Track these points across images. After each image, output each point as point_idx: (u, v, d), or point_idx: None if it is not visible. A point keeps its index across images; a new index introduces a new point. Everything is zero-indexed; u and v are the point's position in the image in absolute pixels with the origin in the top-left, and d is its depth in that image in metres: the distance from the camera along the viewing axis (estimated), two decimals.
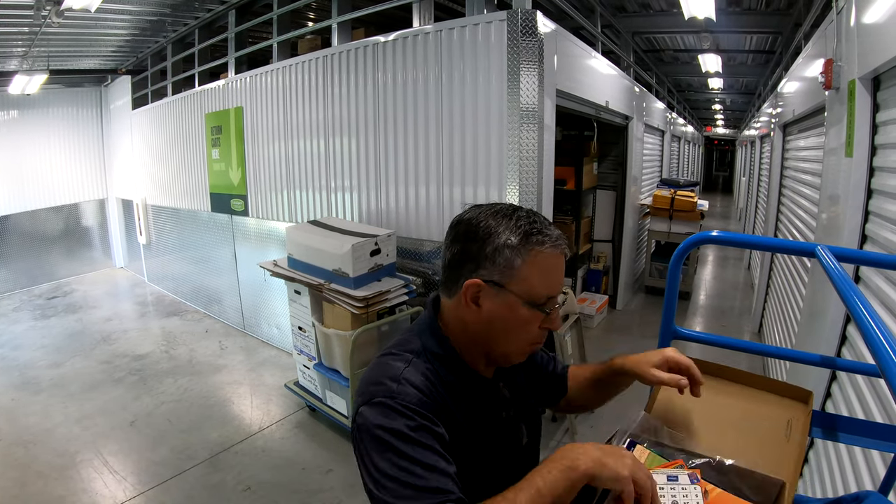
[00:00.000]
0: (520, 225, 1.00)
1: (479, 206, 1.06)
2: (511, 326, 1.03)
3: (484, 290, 1.01)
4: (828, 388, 2.21)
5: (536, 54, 3.27)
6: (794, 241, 2.96)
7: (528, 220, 1.01)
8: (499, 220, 1.01)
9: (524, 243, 0.98)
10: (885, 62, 1.81)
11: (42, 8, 4.45)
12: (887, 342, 0.64)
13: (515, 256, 0.98)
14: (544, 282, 1.00)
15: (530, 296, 0.99)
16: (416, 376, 0.99)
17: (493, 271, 0.99)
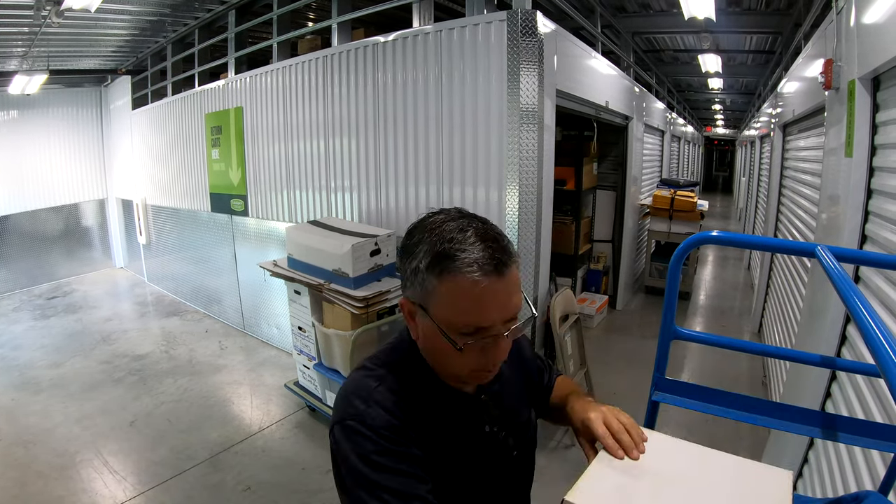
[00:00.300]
0: (435, 243, 0.89)
1: (431, 213, 0.97)
2: (440, 351, 0.95)
3: (414, 309, 0.95)
4: (827, 387, 2.21)
5: (536, 54, 3.27)
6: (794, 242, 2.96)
7: (447, 236, 0.88)
8: (424, 234, 0.92)
9: (434, 266, 0.88)
10: (884, 62, 1.81)
11: (42, 8, 4.45)
12: (887, 342, 0.64)
13: (430, 280, 0.89)
14: (463, 311, 0.88)
15: (448, 324, 0.90)
16: (387, 395, 0.95)
17: (415, 292, 0.92)
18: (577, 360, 4.16)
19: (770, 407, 1.26)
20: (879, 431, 1.14)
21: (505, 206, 3.47)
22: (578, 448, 1.13)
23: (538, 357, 1.34)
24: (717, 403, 1.30)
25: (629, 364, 5.06)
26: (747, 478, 0.97)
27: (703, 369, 4.94)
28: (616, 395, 4.39)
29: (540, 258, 3.61)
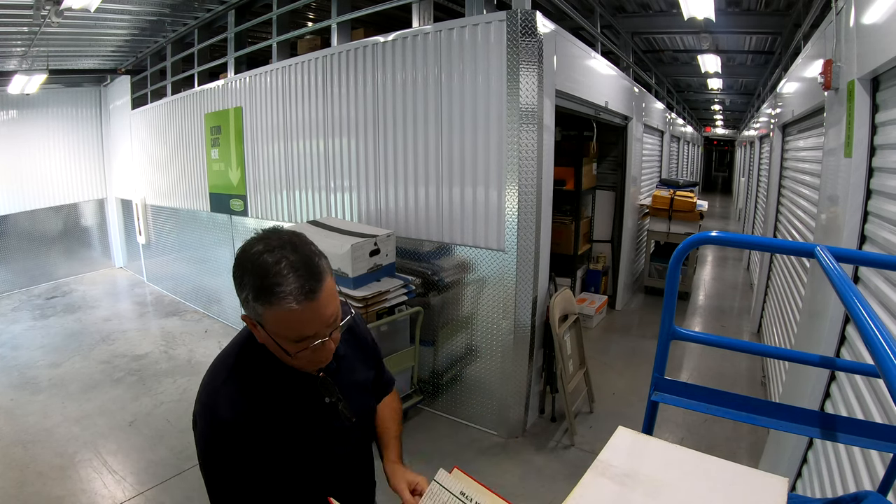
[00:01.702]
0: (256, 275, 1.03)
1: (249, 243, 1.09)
2: (281, 354, 1.12)
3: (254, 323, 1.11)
4: (827, 388, 2.21)
5: (536, 55, 3.27)
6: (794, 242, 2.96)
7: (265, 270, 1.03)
8: (244, 269, 1.06)
9: (258, 299, 1.04)
10: (884, 63, 1.81)
11: (41, 8, 4.45)
12: (886, 343, 0.64)
13: (257, 309, 1.05)
14: (287, 331, 1.07)
15: (280, 338, 1.08)
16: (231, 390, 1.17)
17: (250, 313, 1.09)
18: (577, 360, 4.16)
19: (769, 407, 1.26)
20: (878, 432, 1.14)
21: (504, 206, 3.47)
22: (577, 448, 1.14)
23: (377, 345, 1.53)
24: (716, 403, 1.30)
25: (628, 364, 5.06)
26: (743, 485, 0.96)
27: (703, 369, 4.94)
28: (615, 396, 4.40)
29: (539, 258, 3.61)
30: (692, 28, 6.38)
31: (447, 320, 3.93)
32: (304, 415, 1.22)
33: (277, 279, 1.02)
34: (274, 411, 1.18)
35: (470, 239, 3.69)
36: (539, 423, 4.00)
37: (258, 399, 1.17)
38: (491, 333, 3.72)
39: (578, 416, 4.04)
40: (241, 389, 1.17)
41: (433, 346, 4.00)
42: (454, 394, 3.96)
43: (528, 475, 3.34)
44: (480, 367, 3.80)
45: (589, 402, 4.20)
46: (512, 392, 3.72)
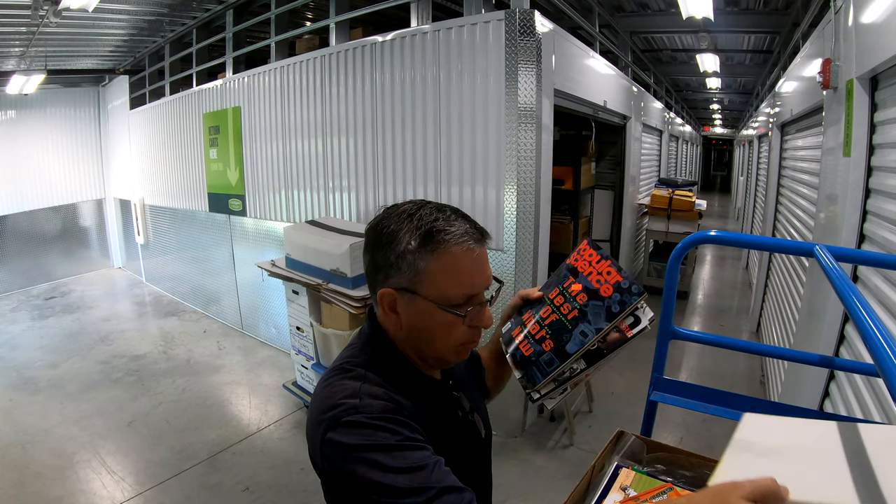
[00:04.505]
0: (420, 226, 0.94)
1: (390, 209, 1.01)
2: (434, 331, 0.98)
3: (398, 297, 0.96)
4: (826, 387, 2.21)
5: (534, 54, 3.27)
6: (793, 241, 2.97)
7: (429, 218, 0.95)
8: (401, 222, 0.96)
9: (425, 244, 0.93)
10: (883, 62, 1.81)
11: (39, 7, 4.44)
12: (886, 342, 0.64)
13: (419, 260, 0.93)
14: (457, 281, 0.94)
15: (444, 299, 0.94)
16: (374, 388, 0.94)
17: (401, 278, 0.95)
18: None
19: (769, 406, 1.26)
20: None
21: (503, 205, 3.47)
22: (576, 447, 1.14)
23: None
24: (715, 403, 1.30)
25: (627, 364, 5.05)
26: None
27: (702, 369, 4.95)
28: (614, 395, 4.40)
29: (538, 257, 3.61)
30: (691, 27, 6.39)
31: None
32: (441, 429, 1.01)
33: (447, 224, 0.94)
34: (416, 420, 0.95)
35: None
36: (538, 422, 4.00)
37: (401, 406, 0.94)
38: (490, 333, 3.71)
39: (577, 416, 4.04)
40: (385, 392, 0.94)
41: None
42: None
43: (526, 475, 3.34)
44: None
45: (588, 402, 4.20)
46: (511, 392, 3.69)
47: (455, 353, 1.03)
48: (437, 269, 0.93)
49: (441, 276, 0.93)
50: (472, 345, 1.04)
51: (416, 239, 0.93)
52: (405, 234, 0.94)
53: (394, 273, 0.95)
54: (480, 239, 0.97)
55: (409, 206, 0.98)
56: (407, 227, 0.94)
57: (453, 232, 0.93)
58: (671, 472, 1.03)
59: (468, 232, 0.95)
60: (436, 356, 1.03)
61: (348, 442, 0.85)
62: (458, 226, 0.95)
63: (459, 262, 0.94)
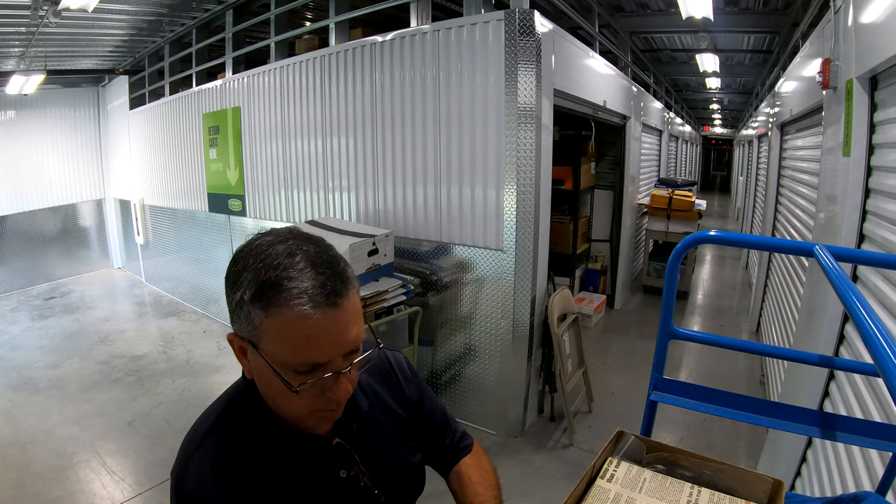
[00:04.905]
0: (259, 272, 0.78)
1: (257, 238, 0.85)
2: (275, 392, 0.85)
3: (244, 345, 0.84)
4: (826, 387, 2.21)
5: (534, 54, 3.27)
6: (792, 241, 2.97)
7: (273, 262, 0.78)
8: (248, 261, 0.80)
9: (259, 297, 0.77)
10: (882, 61, 1.81)
11: (39, 8, 4.44)
12: (885, 342, 0.64)
13: (254, 315, 0.78)
14: (295, 348, 0.79)
15: (282, 362, 0.80)
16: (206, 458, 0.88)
17: (242, 328, 0.82)
18: (575, 359, 4.16)
19: (768, 406, 1.26)
20: (878, 431, 1.14)
21: (503, 205, 3.47)
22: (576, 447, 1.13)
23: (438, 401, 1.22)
24: (715, 403, 1.29)
25: (627, 364, 5.06)
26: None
27: (701, 369, 4.95)
28: (614, 395, 4.40)
29: (538, 257, 3.61)
30: (690, 27, 6.39)
31: (446, 320, 3.93)
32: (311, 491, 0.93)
33: (289, 272, 0.77)
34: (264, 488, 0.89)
35: (468, 238, 3.68)
36: (538, 422, 4.00)
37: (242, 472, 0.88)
38: (489, 333, 3.72)
39: (577, 416, 4.04)
40: (217, 461, 0.88)
41: (432, 346, 3.99)
42: (453, 393, 3.96)
43: (526, 475, 3.34)
44: (479, 366, 3.80)
45: (588, 402, 4.20)
46: (511, 391, 3.72)
47: (309, 420, 0.89)
48: (275, 329, 0.78)
49: (278, 337, 0.78)
50: (327, 413, 0.88)
51: (251, 289, 0.78)
52: (245, 278, 0.79)
53: (236, 319, 0.82)
54: (325, 302, 0.77)
55: (266, 240, 0.82)
56: (252, 269, 0.79)
57: (289, 289, 0.76)
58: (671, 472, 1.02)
59: (308, 291, 0.76)
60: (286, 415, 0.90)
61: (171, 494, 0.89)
62: (300, 280, 0.77)
63: (297, 328, 0.77)
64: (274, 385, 0.83)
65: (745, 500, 0.93)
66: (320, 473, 0.94)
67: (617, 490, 0.97)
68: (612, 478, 1.00)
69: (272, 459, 0.90)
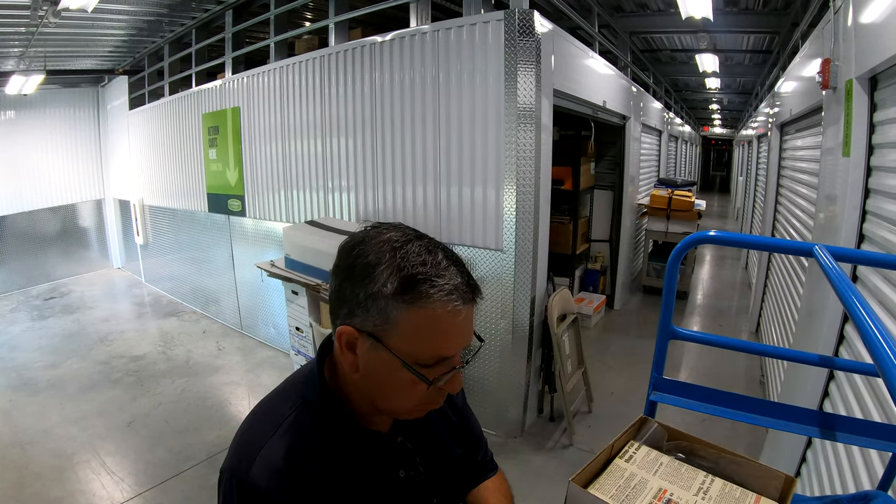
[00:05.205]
0: (403, 267, 0.78)
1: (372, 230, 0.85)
2: (392, 387, 0.84)
3: (360, 339, 0.82)
4: (825, 387, 2.21)
5: (534, 54, 3.27)
6: (792, 241, 2.97)
7: (416, 259, 0.79)
8: (381, 254, 0.80)
9: (403, 292, 0.77)
10: (882, 62, 1.81)
11: (39, 8, 4.43)
12: (885, 342, 0.64)
13: (392, 308, 0.78)
14: (431, 342, 0.80)
15: (412, 357, 0.80)
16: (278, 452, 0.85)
17: (367, 321, 0.80)
18: (575, 359, 4.16)
19: (768, 406, 1.26)
20: (878, 431, 1.14)
21: (502, 205, 3.47)
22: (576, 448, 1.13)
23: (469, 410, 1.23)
24: (714, 403, 1.29)
25: (627, 364, 5.06)
26: None
27: (701, 369, 4.95)
28: (614, 395, 4.40)
29: (537, 258, 3.61)
30: (690, 27, 6.39)
31: None
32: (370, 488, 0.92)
33: (437, 270, 0.78)
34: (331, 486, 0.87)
35: (468, 238, 3.68)
36: (537, 422, 4.00)
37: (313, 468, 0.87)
38: (489, 333, 3.72)
39: (577, 416, 4.04)
40: (291, 453, 0.86)
41: None
42: None
43: (526, 475, 3.34)
44: (478, 366, 3.80)
45: (588, 402, 4.20)
46: (510, 392, 3.72)
47: (411, 412, 0.90)
48: (412, 324, 0.78)
49: (414, 332, 0.79)
50: (434, 406, 0.90)
51: (394, 282, 0.77)
52: (383, 271, 0.78)
53: (360, 313, 0.81)
54: (471, 298, 0.81)
55: (395, 236, 0.82)
56: (388, 263, 0.79)
57: (441, 286, 0.78)
58: (690, 460, 1.04)
59: (458, 288, 0.79)
60: (389, 410, 0.90)
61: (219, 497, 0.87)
62: (448, 278, 0.79)
63: (440, 323, 0.79)
64: (390, 379, 0.83)
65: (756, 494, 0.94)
66: (379, 471, 0.95)
67: (633, 470, 0.99)
68: (630, 459, 1.03)
69: (337, 455, 0.90)
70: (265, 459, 0.84)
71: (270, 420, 0.90)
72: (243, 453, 0.87)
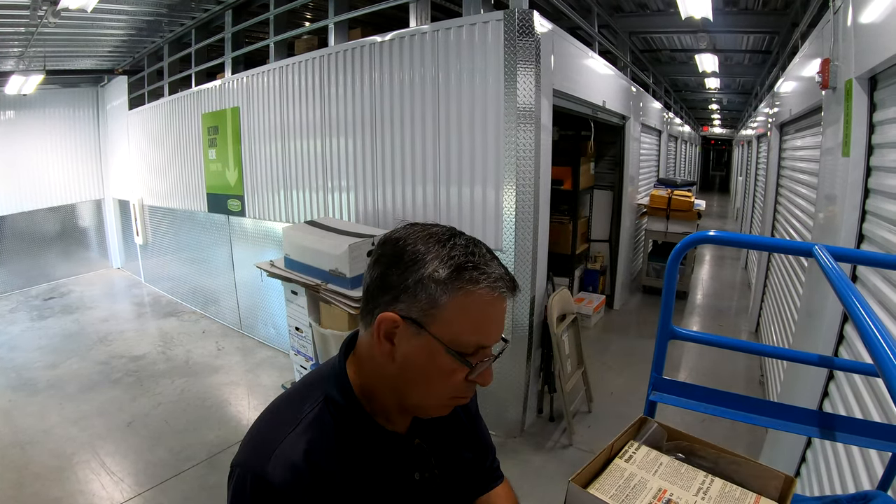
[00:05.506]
0: (453, 255, 0.83)
1: (414, 226, 0.89)
2: (429, 375, 0.86)
3: (401, 327, 0.84)
4: (825, 387, 2.21)
5: (533, 54, 3.27)
6: (792, 241, 2.97)
7: (464, 250, 0.84)
8: (430, 245, 0.84)
9: (454, 279, 0.81)
10: (882, 62, 1.81)
11: (38, 8, 4.43)
12: (885, 342, 0.64)
13: (441, 293, 0.81)
14: (475, 328, 0.84)
15: (455, 342, 0.83)
16: (297, 450, 0.85)
17: (412, 307, 0.83)
18: (575, 359, 4.16)
19: (767, 406, 1.26)
20: (877, 431, 1.14)
21: (502, 205, 3.47)
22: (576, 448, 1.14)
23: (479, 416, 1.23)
24: (714, 403, 1.30)
25: (626, 364, 5.06)
26: None
27: (701, 369, 4.95)
28: (613, 395, 4.40)
29: (537, 258, 3.61)
30: (690, 27, 6.39)
31: None
32: (384, 490, 0.93)
33: (483, 260, 0.84)
34: (349, 485, 0.89)
35: None
36: (537, 422, 4.00)
37: (333, 466, 0.87)
38: None
39: (577, 416, 4.04)
40: (311, 451, 0.86)
41: None
42: None
43: (526, 475, 3.34)
44: None
45: (587, 402, 4.20)
46: (510, 392, 3.72)
47: (439, 407, 0.93)
48: (459, 309, 0.82)
49: (459, 317, 0.82)
50: (462, 401, 0.93)
51: (445, 269, 0.82)
52: (434, 259, 0.82)
53: (406, 298, 0.83)
54: (513, 288, 0.86)
55: (439, 230, 0.87)
56: (437, 252, 0.83)
57: (489, 273, 0.83)
58: (690, 460, 1.05)
59: (504, 277, 0.85)
60: (417, 403, 0.92)
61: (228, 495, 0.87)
62: (494, 268, 0.84)
63: (485, 310, 0.84)
64: (429, 367, 0.85)
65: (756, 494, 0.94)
66: (394, 473, 0.95)
67: (633, 470, 1.00)
68: (630, 459, 1.03)
69: (357, 455, 0.91)
70: (282, 456, 0.84)
71: (288, 417, 0.90)
72: (258, 449, 0.87)
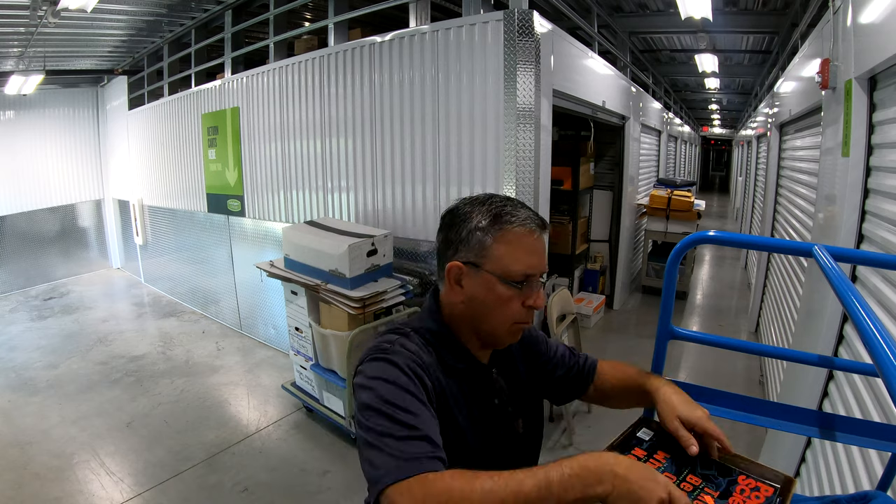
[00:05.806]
0: (491, 208, 1.09)
1: (463, 198, 1.16)
2: (492, 304, 1.09)
3: (464, 271, 1.09)
4: (825, 387, 2.21)
5: (533, 54, 3.27)
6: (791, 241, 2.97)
7: (499, 203, 1.10)
8: (474, 206, 1.11)
9: (493, 224, 1.07)
10: (881, 62, 1.81)
11: (38, 8, 4.43)
12: (885, 342, 0.64)
13: (486, 236, 1.07)
14: (517, 259, 1.07)
15: (505, 273, 1.06)
16: (410, 344, 1.06)
17: (468, 253, 1.08)
18: None
19: (767, 406, 1.26)
20: (877, 431, 1.14)
21: None
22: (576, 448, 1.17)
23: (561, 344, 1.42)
24: (714, 403, 1.30)
25: None
26: None
27: (700, 369, 4.95)
28: None
29: None
30: (689, 27, 6.39)
31: None
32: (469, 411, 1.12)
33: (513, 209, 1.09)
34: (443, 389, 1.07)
35: None
36: None
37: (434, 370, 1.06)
38: None
39: (577, 416, 4.04)
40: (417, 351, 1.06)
41: None
42: None
43: None
44: None
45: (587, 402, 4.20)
46: None
47: (508, 333, 1.13)
48: (502, 246, 1.06)
49: (504, 252, 1.06)
50: (525, 325, 1.13)
51: (486, 218, 1.08)
52: (477, 214, 1.09)
53: (463, 248, 1.09)
54: (542, 226, 1.10)
55: (481, 195, 1.14)
56: (478, 209, 1.10)
57: (518, 215, 1.07)
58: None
59: (531, 217, 1.09)
60: (490, 332, 1.13)
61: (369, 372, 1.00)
62: (523, 212, 1.09)
63: (522, 241, 1.07)
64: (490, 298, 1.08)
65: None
66: (478, 397, 1.15)
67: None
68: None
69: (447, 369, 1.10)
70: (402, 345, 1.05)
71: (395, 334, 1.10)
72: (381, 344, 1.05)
